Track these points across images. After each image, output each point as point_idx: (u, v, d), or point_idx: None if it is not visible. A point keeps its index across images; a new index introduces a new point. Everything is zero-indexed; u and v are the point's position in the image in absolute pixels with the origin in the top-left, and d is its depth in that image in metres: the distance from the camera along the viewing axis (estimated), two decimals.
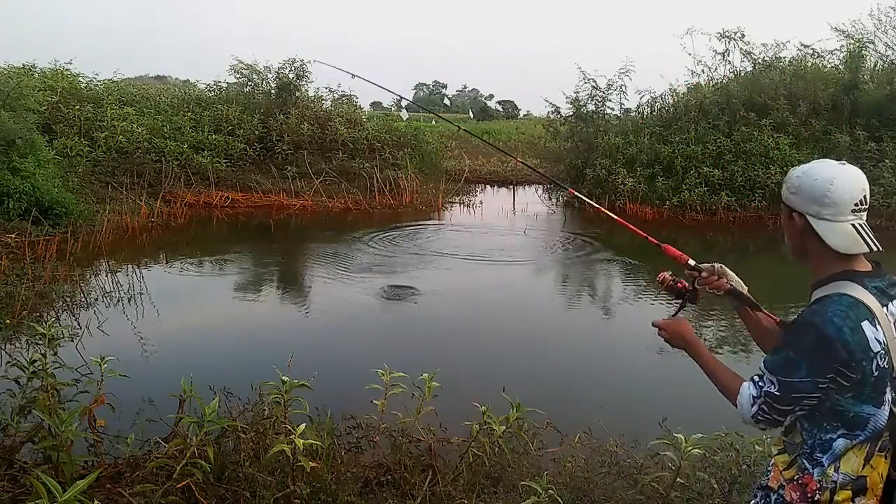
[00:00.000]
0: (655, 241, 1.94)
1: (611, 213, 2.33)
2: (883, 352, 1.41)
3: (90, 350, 4.54)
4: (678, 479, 2.84)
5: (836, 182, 1.45)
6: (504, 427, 3.04)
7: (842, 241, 1.45)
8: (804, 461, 1.49)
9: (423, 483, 3.00)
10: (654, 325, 1.81)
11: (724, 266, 1.82)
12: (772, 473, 1.58)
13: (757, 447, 3.08)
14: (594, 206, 2.48)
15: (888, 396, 1.46)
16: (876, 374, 1.41)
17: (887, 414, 1.46)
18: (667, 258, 1.87)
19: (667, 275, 1.86)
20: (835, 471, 1.45)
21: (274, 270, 9.14)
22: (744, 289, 1.81)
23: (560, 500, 2.52)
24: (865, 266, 1.51)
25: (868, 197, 1.49)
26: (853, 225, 1.45)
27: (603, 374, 5.41)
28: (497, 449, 3.14)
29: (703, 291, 1.83)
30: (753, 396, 1.48)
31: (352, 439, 3.58)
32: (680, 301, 1.86)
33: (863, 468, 1.46)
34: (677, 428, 2.95)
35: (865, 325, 1.39)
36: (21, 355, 4.18)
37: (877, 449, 1.47)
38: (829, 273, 1.50)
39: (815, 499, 1.46)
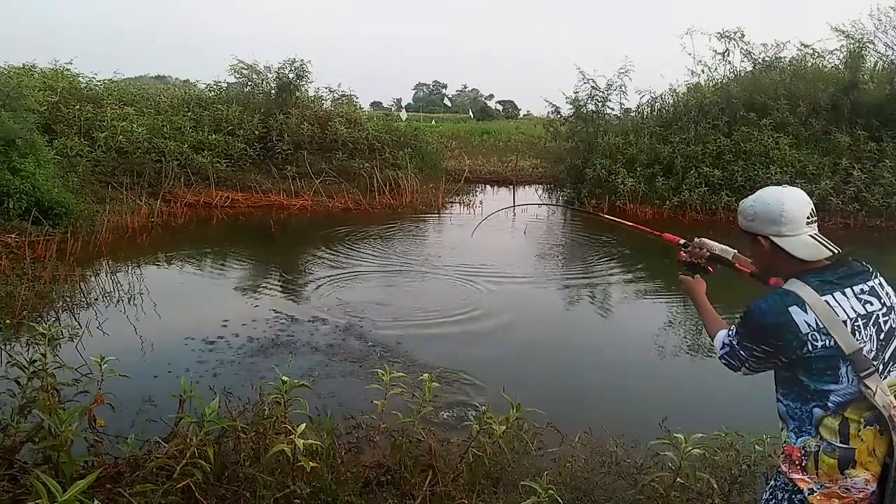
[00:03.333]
0: (657, 234, 2.35)
1: (608, 217, 2.60)
2: (816, 332, 1.57)
3: (90, 350, 4.53)
4: (678, 479, 2.85)
5: (786, 202, 1.69)
6: (504, 427, 3.04)
7: (809, 251, 1.66)
8: (791, 434, 1.67)
9: (423, 483, 3.00)
10: (680, 278, 2.19)
11: (703, 239, 2.20)
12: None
13: (757, 447, 3.08)
14: (593, 213, 2.65)
15: (844, 372, 1.56)
16: (819, 352, 1.57)
17: (853, 390, 1.56)
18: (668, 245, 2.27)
19: (683, 253, 2.22)
20: (818, 438, 1.60)
21: (274, 270, 9.14)
22: (729, 253, 2.14)
23: (560, 500, 2.53)
24: (816, 264, 1.68)
25: (814, 210, 1.71)
26: (811, 236, 1.67)
27: (603, 374, 5.40)
28: (497, 449, 3.14)
29: (707, 264, 2.18)
30: (724, 343, 1.82)
31: (352, 439, 3.59)
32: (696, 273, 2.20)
33: (848, 439, 1.56)
34: (677, 428, 2.96)
35: (793, 309, 1.59)
36: (21, 355, 4.17)
37: (863, 422, 1.56)
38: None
39: (803, 465, 1.61)
